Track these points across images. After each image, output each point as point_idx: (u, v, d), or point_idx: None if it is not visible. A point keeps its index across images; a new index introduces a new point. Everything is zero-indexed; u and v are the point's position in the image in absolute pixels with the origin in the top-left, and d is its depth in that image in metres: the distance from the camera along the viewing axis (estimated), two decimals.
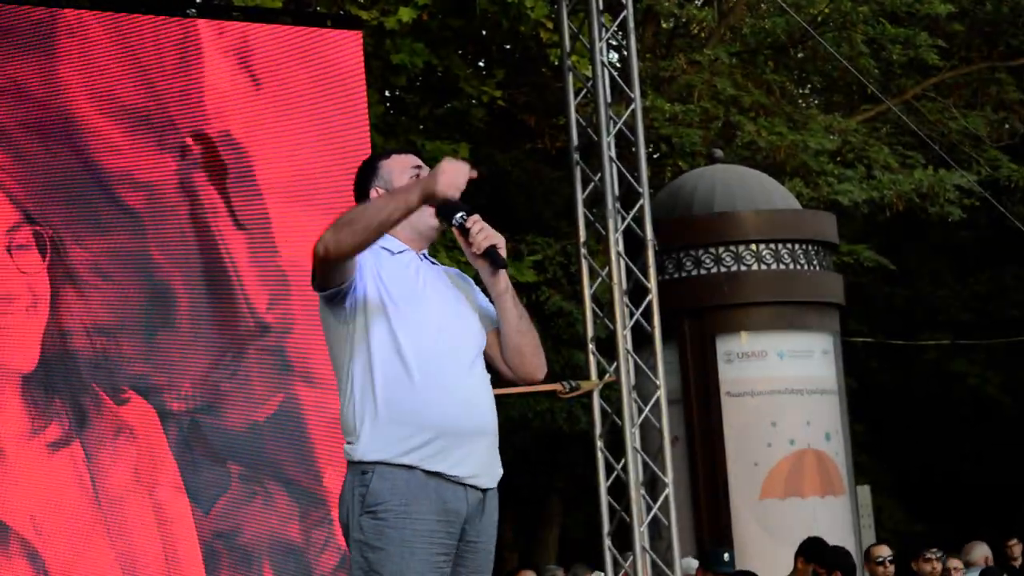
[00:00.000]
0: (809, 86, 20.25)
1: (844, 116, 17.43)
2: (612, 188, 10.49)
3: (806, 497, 12.09)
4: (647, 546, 10.26)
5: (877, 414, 20.45)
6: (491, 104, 14.59)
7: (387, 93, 14.55)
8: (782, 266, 12.41)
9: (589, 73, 10.78)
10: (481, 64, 15.61)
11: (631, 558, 10.21)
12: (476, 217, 4.34)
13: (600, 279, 10.62)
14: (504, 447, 4.37)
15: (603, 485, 10.38)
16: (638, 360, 10.48)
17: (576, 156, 10.70)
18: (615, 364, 10.37)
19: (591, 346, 10.58)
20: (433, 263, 4.46)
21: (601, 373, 10.53)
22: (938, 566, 11.18)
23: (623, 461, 10.27)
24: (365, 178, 4.49)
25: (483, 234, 4.31)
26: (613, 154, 10.55)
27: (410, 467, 4.15)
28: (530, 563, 15.19)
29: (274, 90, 8.11)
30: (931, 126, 17.31)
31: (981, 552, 11.93)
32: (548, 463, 17.59)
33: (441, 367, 4.22)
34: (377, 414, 4.18)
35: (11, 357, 7.27)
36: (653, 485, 10.56)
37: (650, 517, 10.33)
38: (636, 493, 10.22)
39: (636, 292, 10.60)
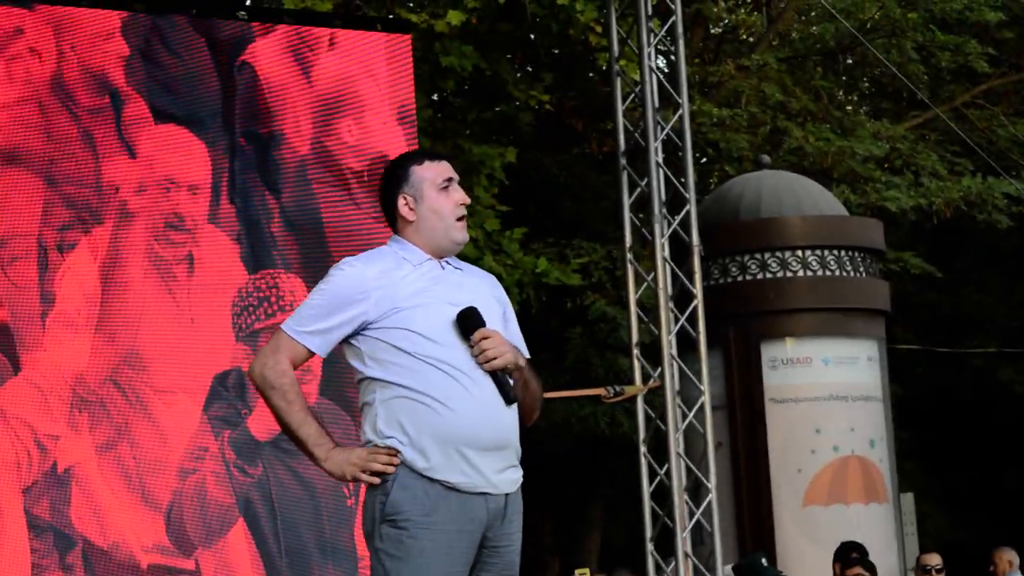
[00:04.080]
0: (857, 92, 20.19)
1: (892, 123, 17.37)
2: (659, 193, 10.49)
3: (849, 504, 12.05)
4: (690, 552, 10.26)
5: (922, 422, 20.37)
6: (539, 108, 14.61)
7: (435, 97, 14.58)
8: (828, 272, 12.39)
9: (637, 78, 10.79)
10: (529, 68, 15.64)
11: (673, 563, 10.21)
12: (484, 333, 4.24)
13: (645, 284, 10.63)
14: (546, 451, 4.39)
15: (646, 490, 10.39)
16: (683, 365, 10.48)
17: (623, 161, 10.71)
18: (659, 369, 10.37)
19: (636, 351, 10.59)
20: (459, 269, 4.40)
21: (645, 378, 10.54)
22: None
23: (666, 466, 10.27)
24: (394, 181, 4.36)
25: (484, 356, 4.23)
26: (660, 159, 10.55)
27: (430, 478, 4.17)
28: (571, 568, 15.19)
29: (325, 92, 8.15)
30: (980, 133, 17.24)
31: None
32: (590, 468, 17.59)
33: (456, 379, 4.21)
34: (394, 427, 4.21)
35: (67, 361, 7.32)
36: (696, 491, 10.55)
37: (693, 522, 10.33)
38: (679, 498, 10.22)
39: (681, 297, 10.60)
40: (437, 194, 4.33)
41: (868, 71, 18.38)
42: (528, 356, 4.42)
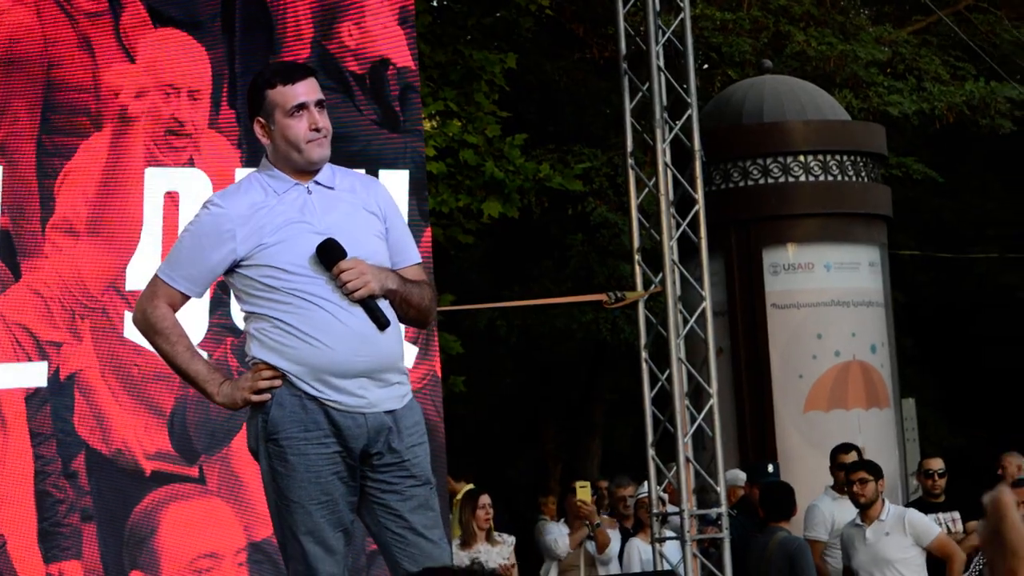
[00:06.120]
0: None
1: (895, 27, 17.27)
2: (660, 98, 10.42)
3: (850, 409, 12.10)
4: (691, 456, 10.29)
5: (924, 327, 20.40)
6: (539, 13, 14.50)
7: (434, 3, 14.47)
8: (830, 177, 12.36)
9: None
10: None
11: (675, 468, 10.24)
12: (343, 266, 4.26)
13: (647, 190, 10.59)
14: (548, 358, 4.40)
15: (647, 396, 10.39)
16: (684, 271, 10.45)
17: (624, 66, 10.63)
18: (660, 275, 10.35)
19: (637, 257, 10.56)
20: (329, 188, 4.39)
21: (647, 284, 10.52)
22: None
23: (667, 372, 10.27)
24: (251, 104, 4.41)
25: (346, 288, 4.27)
26: (662, 63, 10.47)
27: (306, 393, 4.26)
28: (573, 474, 15.28)
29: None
30: (983, 37, 17.15)
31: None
32: (592, 374, 17.64)
33: (326, 309, 4.26)
34: (270, 356, 4.30)
35: (67, 268, 7.31)
36: (697, 396, 10.56)
37: (694, 428, 10.34)
38: (680, 404, 10.23)
39: (683, 203, 10.56)
40: (287, 119, 4.32)
41: None
42: (419, 260, 4.47)
